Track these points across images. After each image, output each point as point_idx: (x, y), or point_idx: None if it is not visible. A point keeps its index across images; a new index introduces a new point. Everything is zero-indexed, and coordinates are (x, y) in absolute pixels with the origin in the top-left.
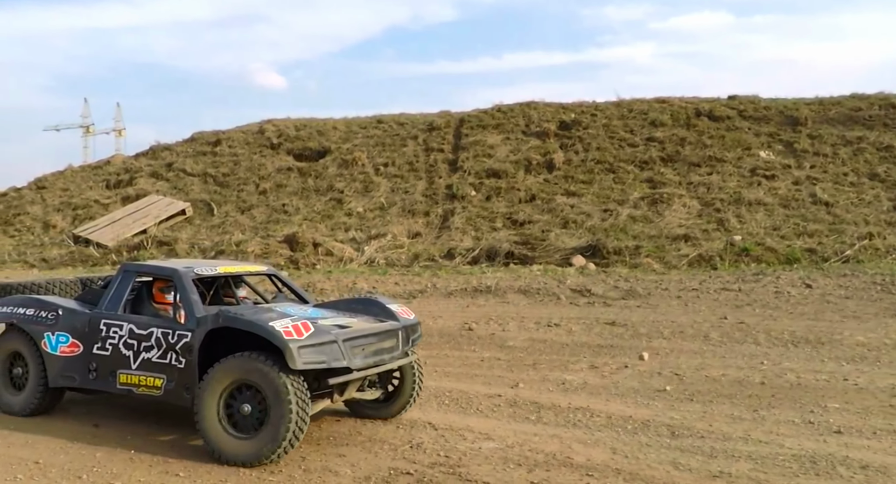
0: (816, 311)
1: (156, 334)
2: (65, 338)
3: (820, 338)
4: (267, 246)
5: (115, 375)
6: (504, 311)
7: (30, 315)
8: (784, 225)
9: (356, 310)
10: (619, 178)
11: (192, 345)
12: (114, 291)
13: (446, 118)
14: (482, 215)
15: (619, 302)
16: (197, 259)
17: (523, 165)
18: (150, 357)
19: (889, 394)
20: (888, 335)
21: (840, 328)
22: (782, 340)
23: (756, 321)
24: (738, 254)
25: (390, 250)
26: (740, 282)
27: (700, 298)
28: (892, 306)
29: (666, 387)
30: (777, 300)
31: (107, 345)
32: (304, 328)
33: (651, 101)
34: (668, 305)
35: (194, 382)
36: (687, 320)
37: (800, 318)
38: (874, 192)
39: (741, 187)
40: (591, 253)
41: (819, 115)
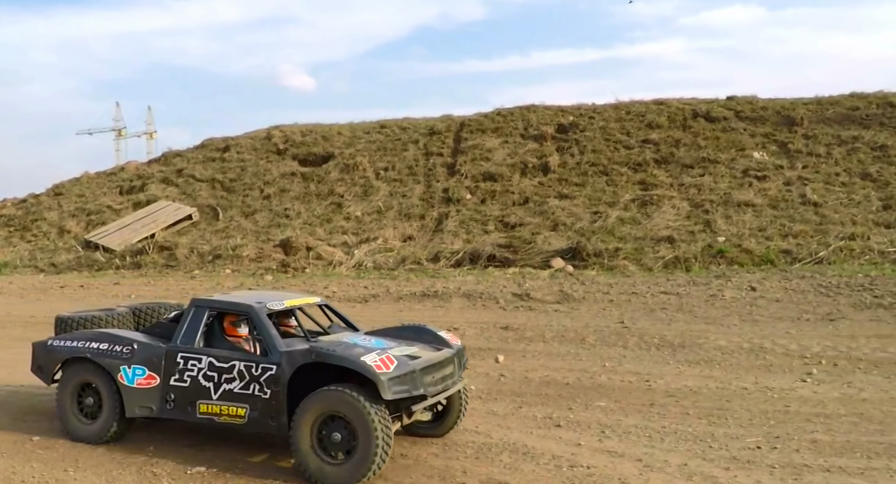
0: (727, 315)
1: (238, 367)
2: (141, 370)
3: (685, 342)
4: (261, 250)
5: (195, 406)
6: (431, 315)
7: (104, 349)
8: (770, 226)
9: (409, 338)
10: (611, 181)
11: (279, 377)
12: (187, 325)
13: (447, 122)
14: (475, 218)
15: (551, 305)
16: (259, 291)
17: (519, 168)
18: (231, 388)
19: (667, 395)
20: (751, 340)
21: (714, 332)
22: (649, 343)
23: (646, 325)
24: (713, 256)
25: (379, 254)
26: (689, 285)
27: (630, 301)
28: (810, 311)
29: (479, 386)
30: (703, 304)
31: (185, 377)
32: (389, 362)
33: (649, 103)
34: (588, 310)
35: (281, 411)
36: (580, 325)
37: (696, 322)
38: (864, 192)
39: (732, 188)
40: (572, 255)
41: (816, 114)
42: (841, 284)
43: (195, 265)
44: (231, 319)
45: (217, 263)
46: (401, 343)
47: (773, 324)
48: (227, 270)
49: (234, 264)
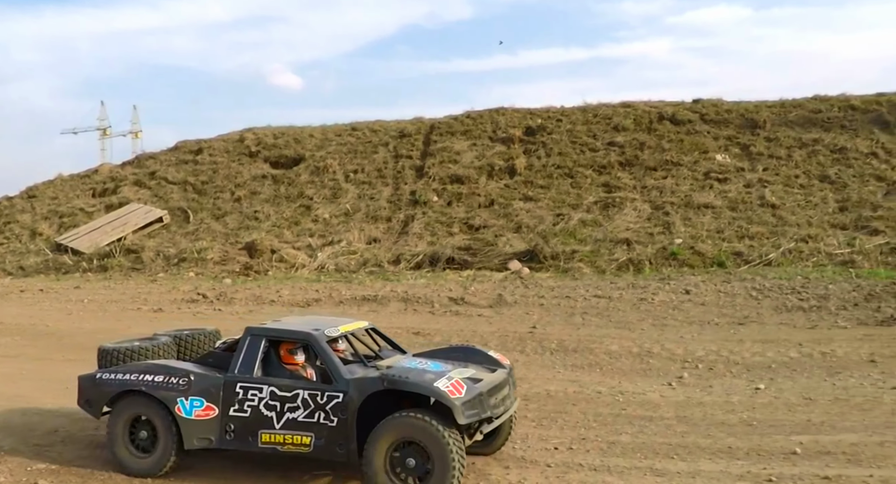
0: (642, 319)
1: (302, 396)
2: (199, 402)
3: (579, 347)
4: (226, 253)
5: (257, 435)
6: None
7: (160, 382)
8: (728, 228)
9: (459, 359)
10: (576, 183)
11: (346, 405)
12: (244, 355)
13: (418, 125)
14: (440, 221)
15: (482, 310)
16: (309, 317)
17: (486, 171)
18: (295, 417)
19: (523, 399)
20: (642, 345)
21: (613, 337)
22: (546, 348)
23: (555, 330)
24: (666, 258)
25: (342, 256)
26: (629, 288)
27: (559, 305)
28: (728, 315)
29: None
30: (628, 308)
31: (245, 407)
32: (459, 386)
33: (616, 106)
34: (513, 314)
35: (350, 438)
36: (492, 329)
37: (607, 326)
38: (822, 194)
39: (693, 191)
40: (529, 258)
41: (779, 117)
42: (774, 287)
43: (160, 268)
44: (288, 347)
45: (182, 266)
46: (456, 365)
47: (679, 328)
48: (190, 273)
49: (199, 267)
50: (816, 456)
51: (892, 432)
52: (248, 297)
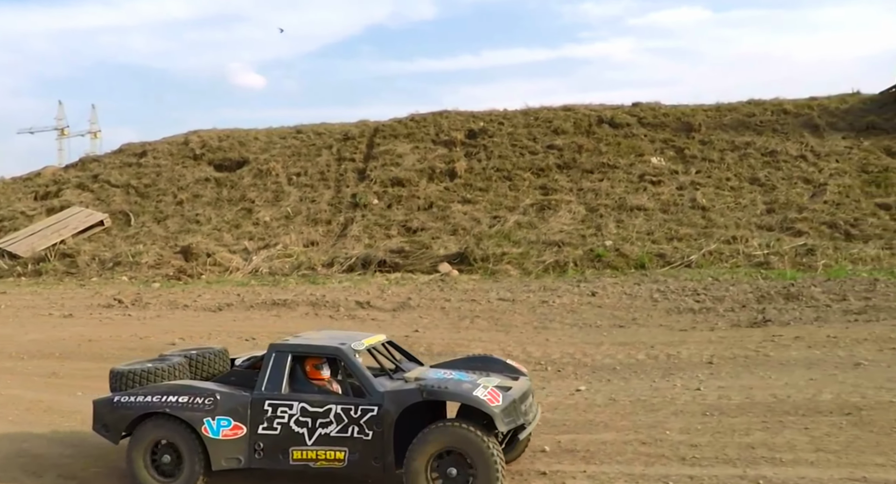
0: (527, 322)
1: (335, 410)
2: (227, 421)
3: (445, 350)
4: (161, 257)
5: (288, 453)
6: (257, 324)
7: (184, 402)
8: (658, 230)
9: (480, 368)
10: (514, 186)
11: (383, 418)
12: (270, 372)
13: (362, 128)
14: (379, 223)
15: (385, 313)
16: (328, 332)
17: (427, 174)
18: (328, 432)
19: None
20: (504, 347)
21: (483, 340)
22: (414, 352)
23: (434, 334)
24: (591, 260)
25: (277, 259)
26: (540, 290)
27: (460, 309)
28: (618, 317)
29: None
30: (525, 311)
31: (275, 424)
32: (496, 394)
33: (557, 109)
34: (405, 317)
35: (387, 451)
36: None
37: (488, 330)
38: (751, 196)
39: (627, 193)
40: (460, 260)
41: (714, 121)
42: (679, 289)
43: (94, 272)
44: (314, 363)
45: (116, 271)
46: (479, 375)
47: (558, 331)
48: (123, 277)
49: (133, 271)
50: (556, 454)
51: (651, 431)
52: (164, 302)
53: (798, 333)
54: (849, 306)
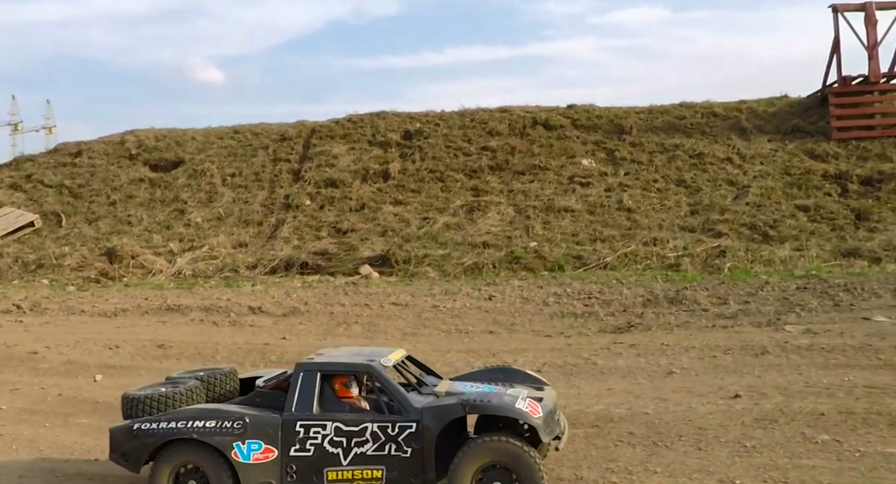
0: (405, 326)
1: (371, 429)
2: (257, 445)
3: (293, 360)
4: (85, 259)
5: (322, 474)
6: (142, 330)
7: (212, 427)
8: (583, 231)
9: (501, 379)
10: (446, 187)
11: (422, 434)
12: (299, 392)
13: (299, 128)
14: (310, 225)
15: (273, 318)
16: (346, 348)
17: (361, 175)
18: (364, 451)
19: None
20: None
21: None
22: (266, 359)
23: (298, 341)
24: (510, 262)
25: (202, 261)
26: (441, 294)
27: (349, 313)
28: (497, 322)
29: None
30: (411, 315)
31: (308, 446)
32: (535, 406)
33: (493, 111)
34: (288, 323)
35: (428, 467)
36: (235, 341)
37: (357, 336)
38: (677, 198)
39: (556, 194)
40: (382, 262)
41: (646, 123)
42: (576, 292)
43: (17, 275)
44: (343, 380)
45: (38, 273)
46: (506, 386)
47: (424, 337)
48: (44, 280)
49: (55, 274)
50: None
51: None
52: (63, 307)
53: (641, 340)
54: (725, 311)
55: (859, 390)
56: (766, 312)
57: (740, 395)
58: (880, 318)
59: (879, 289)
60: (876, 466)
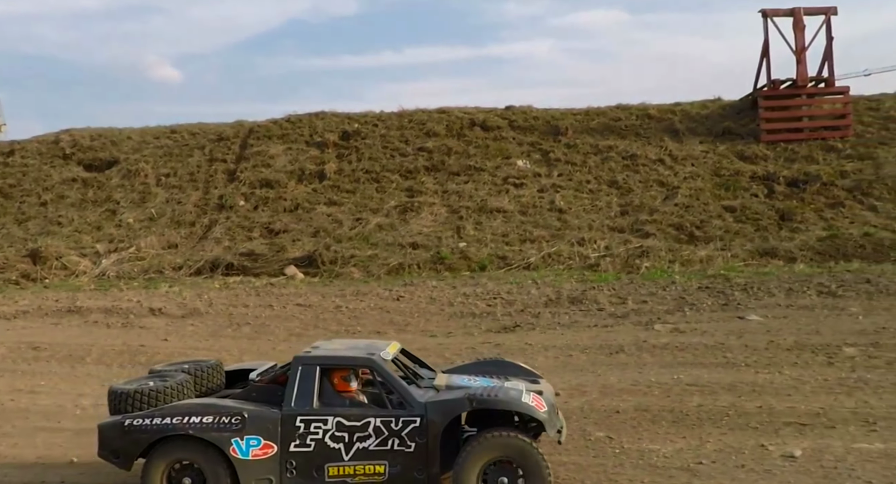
0: (293, 329)
1: (374, 423)
2: (256, 441)
3: (172, 356)
4: (6, 260)
5: (323, 470)
6: (33, 332)
7: (209, 423)
8: (514, 232)
9: (495, 372)
10: (381, 188)
11: (426, 428)
12: (298, 386)
13: (237, 128)
14: (243, 225)
15: (170, 319)
16: (340, 341)
17: (297, 175)
18: (366, 446)
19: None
20: (219, 353)
21: (214, 348)
22: (136, 361)
23: (180, 343)
24: (435, 262)
25: (128, 263)
26: (352, 295)
27: (248, 314)
28: (393, 323)
29: None
30: (310, 316)
31: (308, 441)
32: (540, 400)
33: (432, 112)
34: (182, 325)
35: (431, 462)
36: (115, 342)
37: (239, 337)
38: (608, 198)
39: (490, 195)
40: (308, 263)
41: (582, 125)
42: (486, 293)
43: None
44: (342, 374)
45: None
46: (502, 379)
47: (313, 336)
48: None
49: None
50: None
51: None
52: None
53: (510, 340)
54: (619, 310)
55: (678, 389)
56: (657, 311)
57: (560, 393)
58: (753, 317)
59: (776, 289)
60: (623, 463)
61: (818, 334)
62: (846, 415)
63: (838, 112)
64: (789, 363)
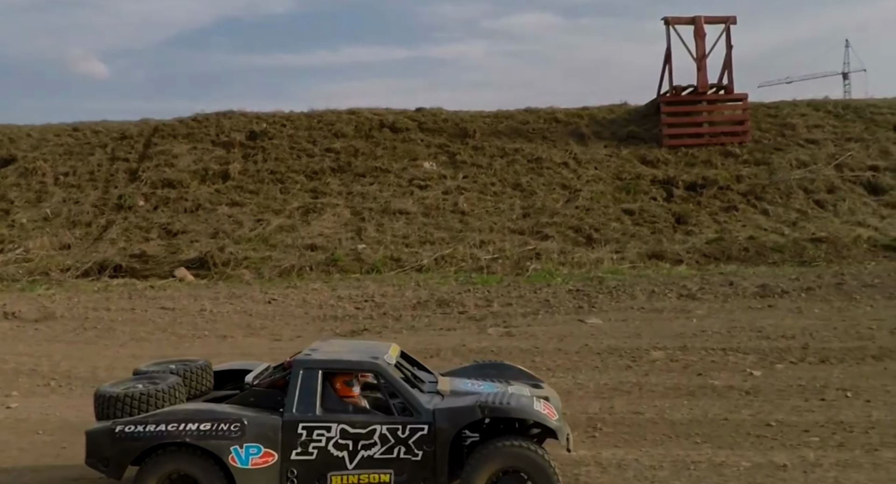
0: (137, 332)
1: (380, 431)
2: (256, 449)
3: None
4: None
5: (326, 479)
6: None
7: (207, 430)
8: (415, 234)
9: (495, 376)
10: (285, 188)
11: (434, 436)
12: (300, 391)
13: (142, 127)
14: (141, 226)
15: (26, 323)
16: (344, 340)
17: (200, 175)
18: (371, 454)
19: None
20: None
21: (38, 353)
22: None
23: (7, 347)
24: (328, 265)
25: (14, 264)
26: (233, 297)
27: (103, 319)
28: (251, 326)
29: None
30: (167, 320)
31: (310, 449)
32: (550, 407)
33: (342, 112)
34: (31, 329)
35: (439, 471)
36: None
37: (75, 344)
38: (511, 201)
39: (394, 197)
40: (199, 265)
41: (490, 127)
42: (360, 296)
43: None
44: (345, 379)
45: None
46: (503, 383)
47: (156, 340)
48: None
49: None
50: None
51: None
52: None
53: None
54: (479, 313)
55: None
56: (515, 314)
57: None
58: (593, 320)
59: (640, 291)
60: None
61: (638, 338)
62: (582, 420)
63: (737, 118)
64: (590, 367)
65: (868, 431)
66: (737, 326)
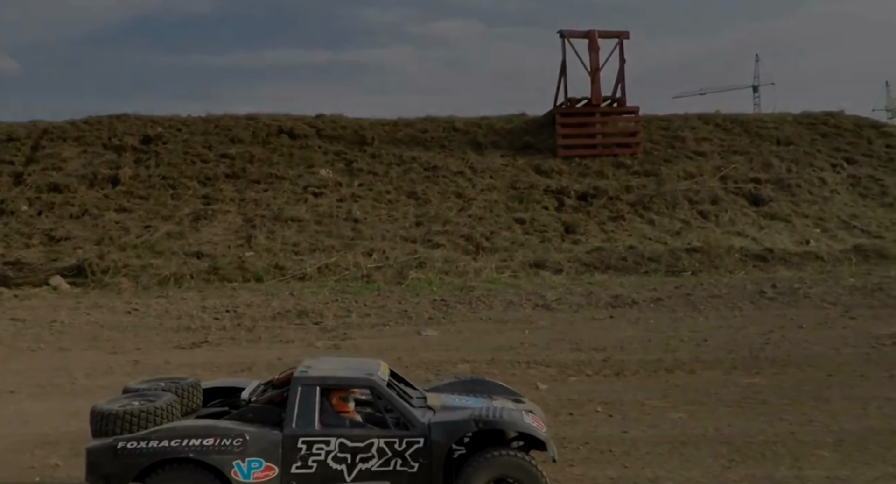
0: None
1: (377, 444)
2: (258, 463)
3: None
4: None
5: None
6: None
7: (210, 445)
8: (305, 242)
9: (479, 391)
10: (177, 194)
11: (429, 449)
12: (299, 407)
13: (30, 129)
14: (22, 232)
15: None
16: (331, 357)
17: (89, 180)
18: (368, 467)
19: None
20: None
21: None
22: None
23: None
24: (210, 273)
25: None
26: (90, 308)
27: None
28: (99, 336)
29: None
30: (10, 330)
31: (310, 462)
32: (538, 420)
33: (240, 118)
34: None
35: (436, 482)
36: None
37: None
38: (405, 209)
39: (287, 204)
40: (77, 273)
41: (389, 135)
42: (226, 305)
43: None
44: (340, 395)
45: None
46: (488, 399)
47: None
48: None
49: None
50: None
51: None
52: None
53: (180, 357)
54: (333, 324)
55: None
56: (366, 324)
57: None
58: (430, 332)
59: (500, 302)
60: None
61: (456, 350)
62: None
63: (630, 130)
64: None
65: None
66: (559, 338)
